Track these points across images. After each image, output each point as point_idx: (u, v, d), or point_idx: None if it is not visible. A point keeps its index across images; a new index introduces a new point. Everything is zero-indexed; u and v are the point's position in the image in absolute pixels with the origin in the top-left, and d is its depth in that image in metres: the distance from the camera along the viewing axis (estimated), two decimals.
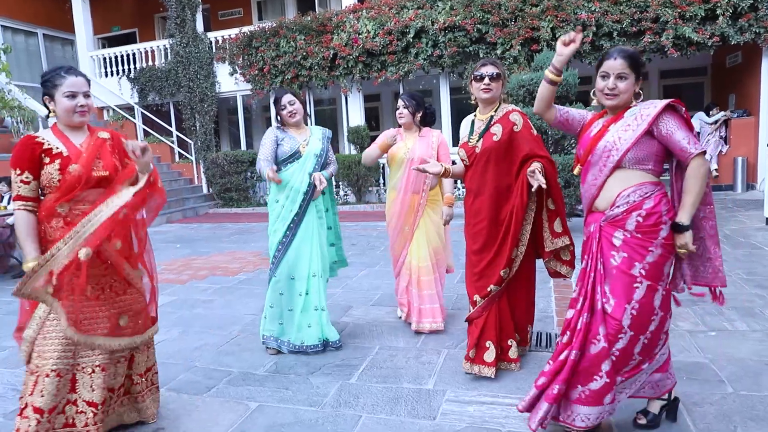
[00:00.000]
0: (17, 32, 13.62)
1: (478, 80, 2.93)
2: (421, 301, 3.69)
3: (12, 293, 2.21)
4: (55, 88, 2.34)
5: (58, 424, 2.27)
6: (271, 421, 2.64)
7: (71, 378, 2.29)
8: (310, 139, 3.54)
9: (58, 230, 2.28)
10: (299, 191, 3.41)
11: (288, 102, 3.49)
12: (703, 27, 9.09)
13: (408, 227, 3.75)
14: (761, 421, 2.40)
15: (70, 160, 2.30)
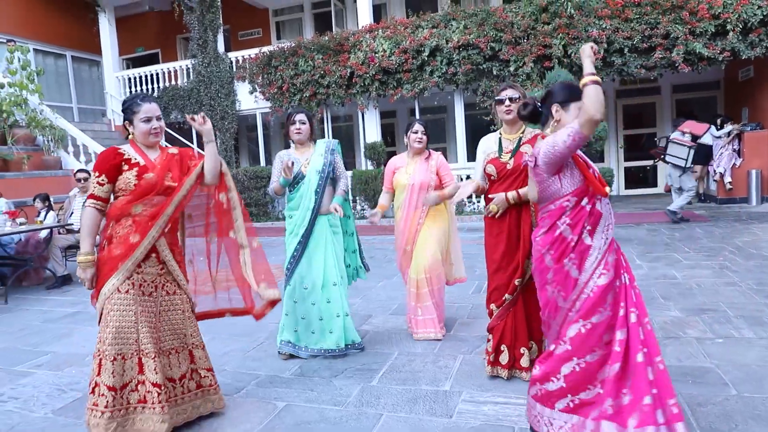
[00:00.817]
0: (48, 55, 14.18)
1: (499, 103, 3.17)
2: (417, 313, 3.91)
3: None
4: (133, 114, 2.71)
5: (133, 399, 2.58)
6: (298, 419, 2.84)
7: (138, 361, 2.58)
8: (312, 157, 3.74)
9: (126, 228, 2.62)
10: (307, 208, 3.65)
11: (299, 120, 3.74)
12: (713, 42, 9.23)
13: (409, 246, 3.97)
14: (762, 421, 2.54)
15: (146, 169, 2.68)
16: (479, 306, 4.69)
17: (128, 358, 2.57)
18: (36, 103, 10.80)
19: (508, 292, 3.12)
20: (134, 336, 2.58)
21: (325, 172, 3.69)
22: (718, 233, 7.52)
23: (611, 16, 9.50)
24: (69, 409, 3.11)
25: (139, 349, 2.59)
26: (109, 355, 2.52)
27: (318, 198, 3.66)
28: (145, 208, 2.66)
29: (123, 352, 2.55)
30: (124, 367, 2.55)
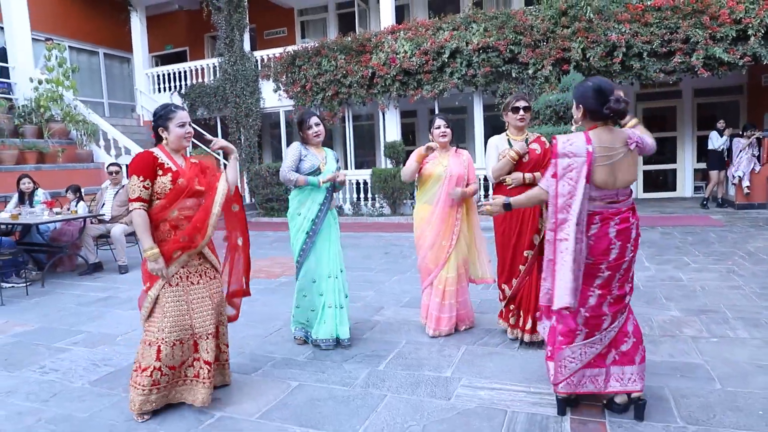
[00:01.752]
0: (81, 52, 14.74)
1: (515, 112, 3.77)
2: (441, 311, 3.97)
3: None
4: (169, 120, 2.97)
5: (190, 374, 2.95)
6: (309, 396, 3.09)
7: (193, 343, 2.93)
8: (327, 159, 3.96)
9: (165, 233, 2.90)
10: (317, 202, 3.85)
11: (314, 123, 3.90)
12: (734, 47, 9.23)
13: (446, 241, 3.96)
14: (739, 412, 2.71)
15: (179, 174, 2.94)
16: (487, 301, 4.90)
17: (185, 342, 2.90)
18: (71, 98, 11.28)
19: (520, 263, 3.69)
20: (189, 322, 2.90)
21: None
22: (731, 238, 7.58)
23: (631, 20, 9.56)
24: (103, 381, 3.42)
25: (193, 334, 2.92)
26: (168, 341, 2.83)
27: (328, 195, 3.89)
28: (180, 212, 2.92)
29: (181, 338, 2.87)
30: (182, 350, 2.90)
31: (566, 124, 7.03)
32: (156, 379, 2.83)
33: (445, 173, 3.98)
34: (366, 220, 11.48)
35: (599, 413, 2.76)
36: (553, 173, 2.57)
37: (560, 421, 2.70)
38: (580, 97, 2.65)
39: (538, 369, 3.33)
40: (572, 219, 2.49)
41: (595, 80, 2.64)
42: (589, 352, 2.69)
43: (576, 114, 2.71)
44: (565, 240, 2.50)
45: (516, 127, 3.81)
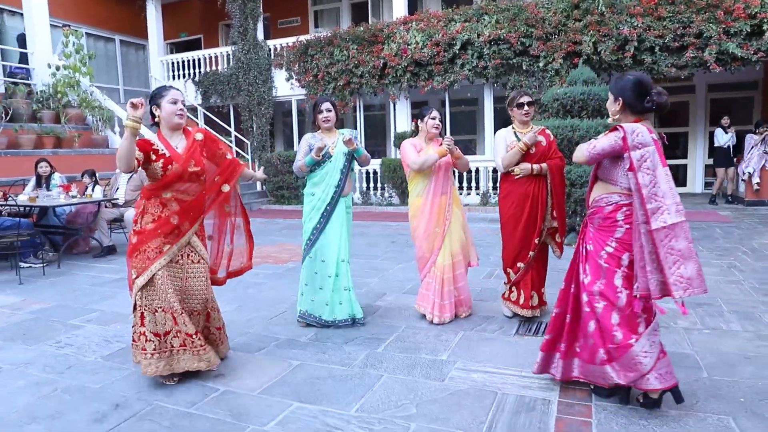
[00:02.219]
0: (98, 39, 14.95)
1: (520, 107, 4.02)
2: (442, 298, 4.09)
3: None
4: (161, 98, 3.09)
5: (176, 344, 3.09)
6: (309, 375, 3.24)
7: (171, 316, 3.06)
8: (338, 141, 4.05)
9: (154, 206, 3.09)
10: (332, 185, 3.98)
11: (326, 108, 4.05)
12: (748, 42, 9.16)
13: (438, 228, 4.08)
14: (721, 399, 2.81)
15: (171, 161, 3.06)
16: (488, 290, 5.02)
17: (165, 311, 3.05)
18: (87, 84, 11.49)
19: (531, 249, 3.98)
20: (164, 296, 3.04)
21: (349, 152, 4.04)
22: (737, 234, 7.60)
23: (643, 14, 9.51)
24: (115, 355, 3.60)
25: (170, 307, 3.05)
26: (149, 308, 3.03)
27: (343, 177, 4.00)
28: (174, 193, 3.09)
29: (156, 307, 3.05)
30: (164, 318, 3.04)
31: (573, 118, 7.06)
32: (144, 344, 3.04)
33: (434, 164, 4.09)
34: (375, 209, 11.61)
35: (586, 396, 2.87)
36: (629, 167, 2.57)
37: (547, 403, 2.82)
38: (620, 90, 2.69)
39: (531, 355, 3.43)
40: (668, 203, 2.49)
41: (635, 74, 2.71)
42: (655, 340, 2.65)
43: (614, 107, 2.75)
44: (664, 227, 2.48)
45: (521, 122, 4.07)
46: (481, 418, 2.68)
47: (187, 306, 3.18)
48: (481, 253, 6.66)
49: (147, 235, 3.06)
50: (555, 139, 4.13)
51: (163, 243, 3.08)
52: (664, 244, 2.49)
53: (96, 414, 2.80)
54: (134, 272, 3.08)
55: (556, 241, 4.10)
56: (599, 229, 2.78)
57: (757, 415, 2.63)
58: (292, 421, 2.70)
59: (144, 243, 3.06)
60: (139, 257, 3.05)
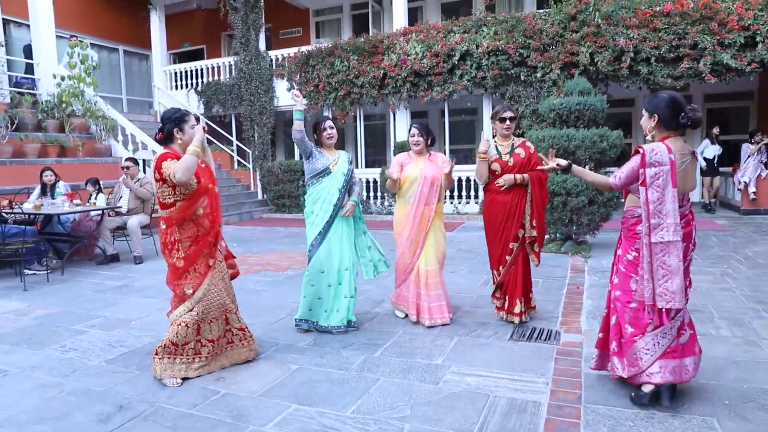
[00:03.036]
0: (102, 49, 15.14)
1: (502, 121, 4.22)
2: (431, 301, 4.26)
3: None
4: (185, 123, 3.37)
5: (224, 343, 3.53)
6: (308, 378, 3.33)
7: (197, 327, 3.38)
8: (339, 160, 4.23)
9: (189, 229, 3.32)
10: (330, 203, 4.11)
11: (329, 126, 4.23)
12: (742, 53, 9.29)
13: (420, 237, 4.30)
14: (707, 401, 2.90)
15: (200, 175, 3.35)
16: (484, 297, 5.11)
17: (219, 318, 3.46)
18: (91, 94, 11.65)
19: (507, 254, 4.20)
20: (219, 301, 3.47)
21: (348, 175, 4.23)
22: (732, 242, 7.69)
23: (639, 26, 9.66)
24: (119, 360, 3.69)
25: (224, 309, 3.49)
26: (205, 320, 3.40)
27: (341, 195, 4.15)
28: (204, 209, 3.36)
29: (212, 317, 3.43)
30: (218, 325, 3.48)
31: (569, 128, 7.18)
32: (197, 350, 3.39)
33: (420, 175, 4.29)
34: (375, 218, 11.71)
35: (575, 399, 2.96)
36: (642, 181, 2.74)
37: (538, 405, 2.91)
38: (655, 107, 2.84)
39: (523, 360, 3.54)
40: (669, 221, 2.68)
41: (669, 93, 2.85)
42: (662, 342, 2.82)
43: (649, 124, 2.90)
44: (661, 243, 2.70)
45: (502, 135, 4.26)
46: (473, 419, 2.77)
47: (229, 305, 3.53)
48: (477, 261, 6.80)
49: (192, 258, 3.33)
50: (536, 152, 4.21)
51: (208, 258, 3.40)
52: (658, 257, 2.72)
53: (100, 415, 2.89)
54: (189, 288, 3.34)
55: (534, 250, 4.24)
56: (626, 237, 3.00)
57: (740, 417, 2.71)
58: (290, 422, 2.79)
59: (192, 264, 3.33)
60: (190, 276, 3.34)
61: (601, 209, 6.95)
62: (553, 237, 7.55)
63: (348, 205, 4.19)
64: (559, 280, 5.66)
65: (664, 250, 2.70)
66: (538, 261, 4.31)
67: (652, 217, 2.71)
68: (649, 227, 2.72)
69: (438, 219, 4.38)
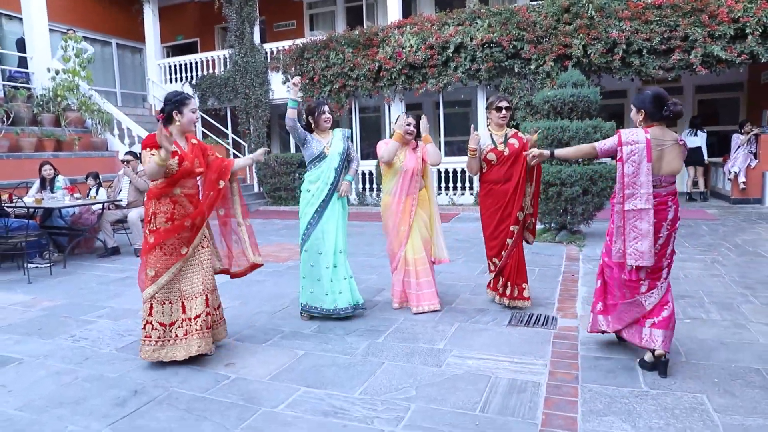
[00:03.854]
0: (95, 42, 15.06)
1: (498, 111, 4.28)
2: (419, 288, 4.40)
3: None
4: (185, 106, 3.41)
5: (180, 333, 3.39)
6: (314, 363, 3.45)
7: (182, 304, 3.39)
8: (332, 141, 4.32)
9: (165, 204, 3.34)
10: (327, 183, 4.22)
11: (327, 110, 4.33)
12: (732, 45, 9.43)
13: (404, 227, 4.42)
14: (697, 380, 3.04)
15: (183, 158, 3.36)
16: (482, 285, 5.22)
17: (173, 303, 3.40)
18: (86, 88, 11.64)
19: (509, 236, 4.25)
20: (177, 287, 3.40)
21: (344, 153, 4.31)
22: (722, 231, 7.86)
23: (631, 18, 9.78)
24: (129, 348, 3.80)
25: (182, 295, 3.40)
26: (159, 300, 3.37)
27: (337, 175, 4.25)
28: (183, 189, 3.37)
29: (169, 299, 3.39)
30: (172, 309, 3.39)
31: (563, 119, 7.30)
32: (150, 332, 3.36)
33: (401, 167, 4.40)
34: (371, 210, 11.81)
35: (573, 380, 3.09)
36: (619, 158, 3.15)
37: (537, 385, 3.04)
38: (641, 103, 3.18)
39: (522, 344, 3.68)
40: (642, 192, 3.08)
41: (653, 89, 3.20)
42: (629, 310, 3.26)
43: (638, 117, 3.23)
44: (634, 210, 3.11)
45: (497, 124, 4.33)
46: (475, 399, 2.90)
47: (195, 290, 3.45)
48: (474, 251, 6.93)
49: (163, 235, 3.31)
50: (528, 142, 4.22)
51: (180, 244, 3.37)
52: (631, 222, 3.13)
53: (116, 399, 3.00)
54: (151, 270, 3.35)
55: (529, 229, 4.39)
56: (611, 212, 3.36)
57: (728, 393, 2.86)
58: (300, 403, 2.90)
59: (160, 241, 3.32)
60: (156, 255, 3.31)
61: (594, 199, 7.09)
62: (548, 227, 7.69)
63: (343, 185, 4.29)
64: (555, 268, 5.80)
65: (636, 216, 3.10)
66: (533, 237, 4.44)
67: (626, 188, 3.12)
68: (623, 197, 3.14)
69: (422, 209, 4.49)
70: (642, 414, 2.68)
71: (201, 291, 3.44)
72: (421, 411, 2.78)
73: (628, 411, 2.71)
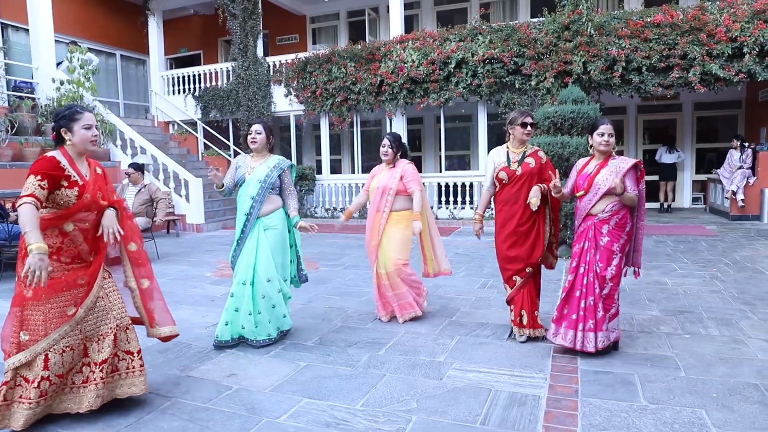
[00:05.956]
0: (100, 54, 15.21)
1: (524, 126, 4.02)
2: (398, 299, 4.52)
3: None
4: (75, 122, 2.84)
5: (78, 381, 2.85)
6: (316, 374, 3.47)
7: (83, 348, 2.85)
8: (257, 168, 4.03)
9: (52, 238, 2.75)
10: (244, 213, 4.00)
11: (255, 131, 4.09)
12: (730, 64, 9.56)
13: (374, 242, 4.57)
14: (696, 395, 3.06)
15: (85, 189, 2.82)
16: (482, 299, 5.28)
17: (75, 348, 2.81)
18: (90, 99, 11.75)
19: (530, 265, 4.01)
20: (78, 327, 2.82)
21: (266, 183, 3.98)
22: (721, 247, 7.90)
23: (631, 36, 9.92)
24: None
25: (84, 338, 2.83)
26: (57, 349, 2.73)
27: (255, 204, 3.97)
28: (76, 225, 2.81)
29: (71, 344, 2.78)
30: (72, 356, 2.80)
31: (563, 135, 7.39)
32: (44, 389, 2.70)
33: (376, 185, 4.60)
34: None
35: (573, 393, 3.12)
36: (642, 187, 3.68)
37: (537, 398, 3.06)
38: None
39: (522, 357, 3.70)
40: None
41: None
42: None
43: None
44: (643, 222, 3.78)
45: (521, 141, 4.06)
46: (476, 411, 2.92)
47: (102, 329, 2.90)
48: (474, 265, 6.97)
49: (44, 291, 2.66)
50: (549, 163, 4.08)
51: (68, 304, 2.76)
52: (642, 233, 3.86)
53: (120, 409, 3.01)
54: (25, 334, 2.68)
55: (553, 253, 4.16)
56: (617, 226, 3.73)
57: (727, 408, 2.88)
58: (302, 414, 2.92)
59: (40, 298, 2.68)
60: (33, 311, 2.69)
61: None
62: None
63: (300, 224, 4.02)
64: (555, 282, 5.83)
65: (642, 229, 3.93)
66: (555, 260, 4.19)
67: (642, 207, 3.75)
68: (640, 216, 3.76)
69: (393, 225, 4.52)
70: (641, 428, 2.70)
71: (110, 330, 2.90)
72: (422, 423, 2.80)
73: (628, 425, 2.73)
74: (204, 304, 5.36)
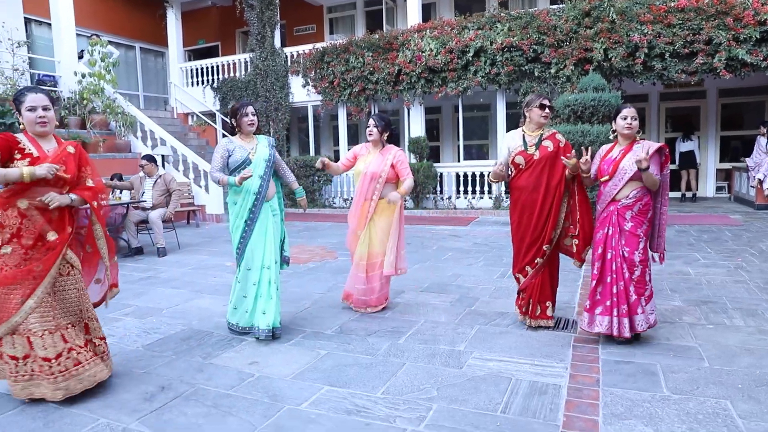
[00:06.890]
0: (119, 46, 15.37)
1: (541, 108, 3.91)
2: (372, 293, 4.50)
3: None
4: (20, 104, 2.87)
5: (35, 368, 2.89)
6: (337, 362, 3.50)
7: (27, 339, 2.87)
8: (258, 147, 3.99)
9: (12, 218, 2.81)
10: (251, 192, 3.88)
11: (251, 112, 3.98)
12: (758, 48, 9.31)
13: (359, 231, 4.45)
14: (720, 385, 3.02)
15: (38, 161, 2.80)
16: (501, 289, 5.26)
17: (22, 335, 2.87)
18: (111, 91, 11.89)
19: (539, 256, 3.93)
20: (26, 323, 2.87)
21: (271, 161, 4.00)
22: (746, 237, 7.75)
23: (653, 22, 9.70)
24: (155, 345, 3.89)
25: (27, 329, 2.86)
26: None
27: (263, 183, 3.91)
28: (32, 202, 2.81)
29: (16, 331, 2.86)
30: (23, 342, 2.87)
31: (584, 123, 7.28)
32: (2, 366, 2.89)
33: (364, 170, 4.42)
34: None
35: (594, 383, 3.10)
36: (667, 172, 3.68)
37: (558, 388, 3.05)
38: None
39: (542, 347, 3.68)
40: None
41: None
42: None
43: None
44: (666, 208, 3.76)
45: (538, 124, 3.93)
46: (497, 400, 2.92)
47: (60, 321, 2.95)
48: (492, 255, 6.94)
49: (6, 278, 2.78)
50: (568, 145, 3.93)
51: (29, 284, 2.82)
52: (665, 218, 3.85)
53: (145, 394, 3.08)
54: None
55: (573, 252, 3.96)
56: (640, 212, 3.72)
57: (753, 399, 2.84)
58: (323, 402, 2.95)
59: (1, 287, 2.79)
60: None
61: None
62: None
63: (299, 201, 4.20)
64: (575, 272, 5.77)
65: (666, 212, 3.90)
66: (581, 263, 3.98)
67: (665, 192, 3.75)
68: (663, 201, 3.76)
69: (379, 215, 4.40)
70: (664, 418, 2.67)
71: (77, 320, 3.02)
72: (442, 411, 2.81)
73: (650, 415, 2.71)
74: (224, 293, 5.42)
